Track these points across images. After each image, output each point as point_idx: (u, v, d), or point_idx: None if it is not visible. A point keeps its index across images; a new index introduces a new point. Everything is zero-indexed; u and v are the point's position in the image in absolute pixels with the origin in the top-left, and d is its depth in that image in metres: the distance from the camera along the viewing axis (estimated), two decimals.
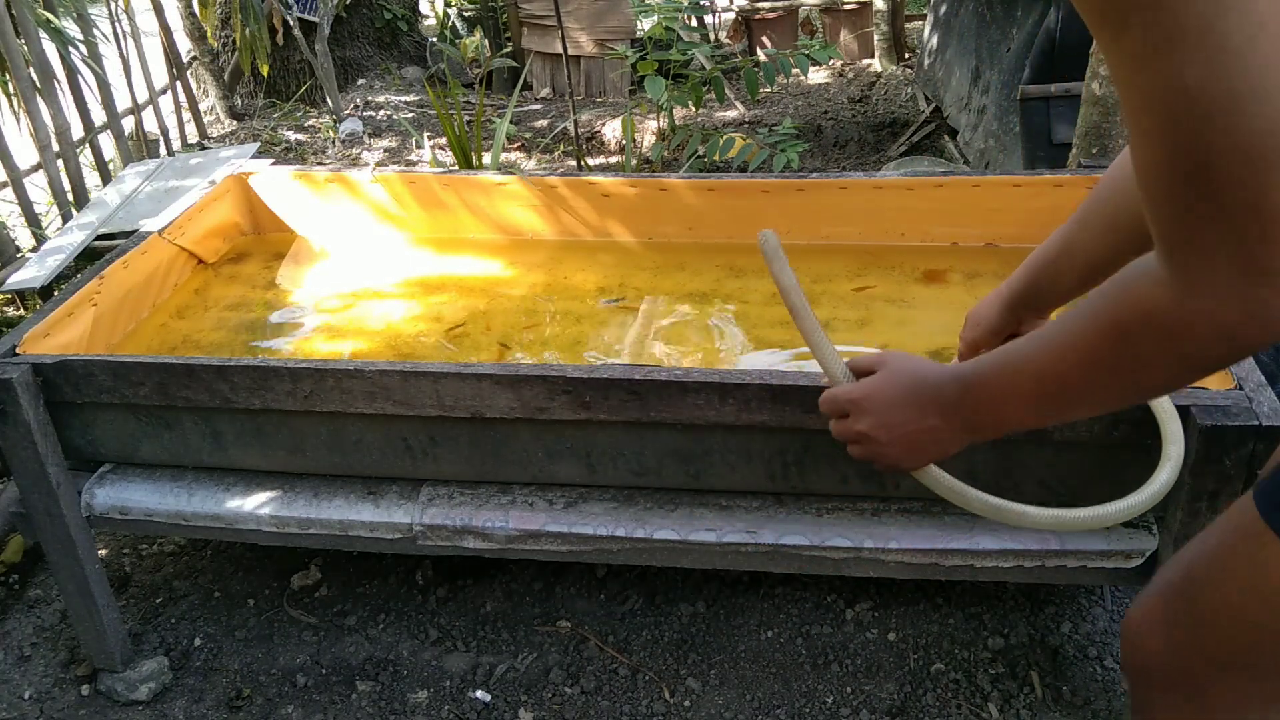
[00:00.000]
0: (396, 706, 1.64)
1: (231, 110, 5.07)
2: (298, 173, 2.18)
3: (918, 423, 0.93)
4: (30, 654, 1.79)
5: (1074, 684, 1.60)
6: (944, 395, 0.90)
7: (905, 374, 0.94)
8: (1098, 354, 0.74)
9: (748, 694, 1.63)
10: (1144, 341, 0.69)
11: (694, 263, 2.01)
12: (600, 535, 1.45)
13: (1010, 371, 0.83)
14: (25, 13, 2.89)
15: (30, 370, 1.45)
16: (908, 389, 0.93)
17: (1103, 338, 0.73)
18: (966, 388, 0.87)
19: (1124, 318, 0.70)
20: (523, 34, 5.27)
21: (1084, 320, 0.75)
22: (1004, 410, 0.85)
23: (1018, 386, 0.82)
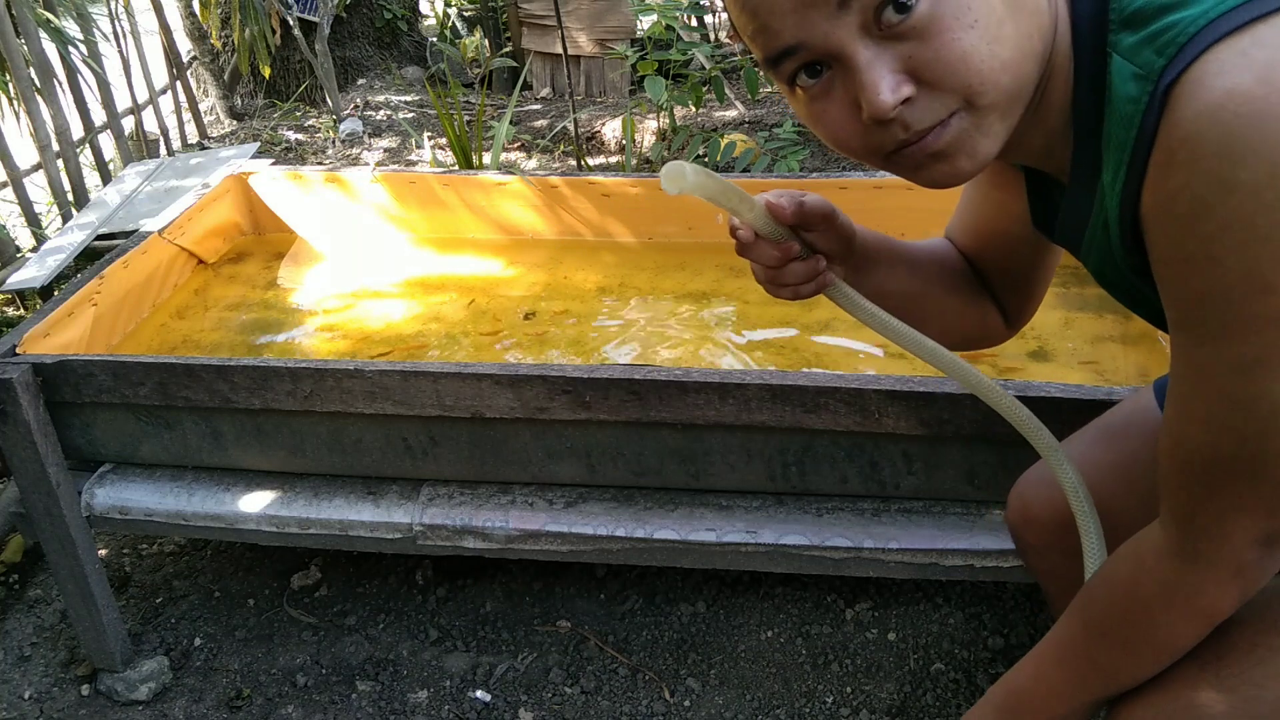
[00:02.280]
0: (396, 706, 1.64)
1: (231, 110, 5.07)
2: (297, 173, 2.18)
3: None
4: (30, 654, 1.79)
5: None
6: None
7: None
8: (1112, 632, 0.80)
9: (748, 694, 1.63)
10: (1155, 609, 0.76)
11: (694, 263, 2.01)
12: (600, 535, 1.45)
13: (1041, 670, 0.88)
14: (25, 12, 2.89)
15: (30, 370, 1.45)
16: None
17: (1112, 618, 0.79)
18: (1017, 702, 0.90)
19: (1126, 597, 0.78)
20: (523, 34, 5.27)
21: (1091, 606, 0.81)
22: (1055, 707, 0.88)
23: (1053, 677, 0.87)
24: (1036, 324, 1.74)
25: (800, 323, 1.81)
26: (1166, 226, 0.66)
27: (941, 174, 0.73)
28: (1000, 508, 1.40)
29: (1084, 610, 0.82)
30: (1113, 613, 0.79)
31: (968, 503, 1.41)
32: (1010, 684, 0.91)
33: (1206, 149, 0.61)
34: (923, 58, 0.67)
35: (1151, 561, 0.75)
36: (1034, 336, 1.71)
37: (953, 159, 0.72)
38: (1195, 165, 0.62)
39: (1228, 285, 0.63)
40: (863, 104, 0.69)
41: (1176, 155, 0.63)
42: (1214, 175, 0.61)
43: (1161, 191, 0.65)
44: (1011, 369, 1.63)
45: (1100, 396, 1.24)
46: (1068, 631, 0.84)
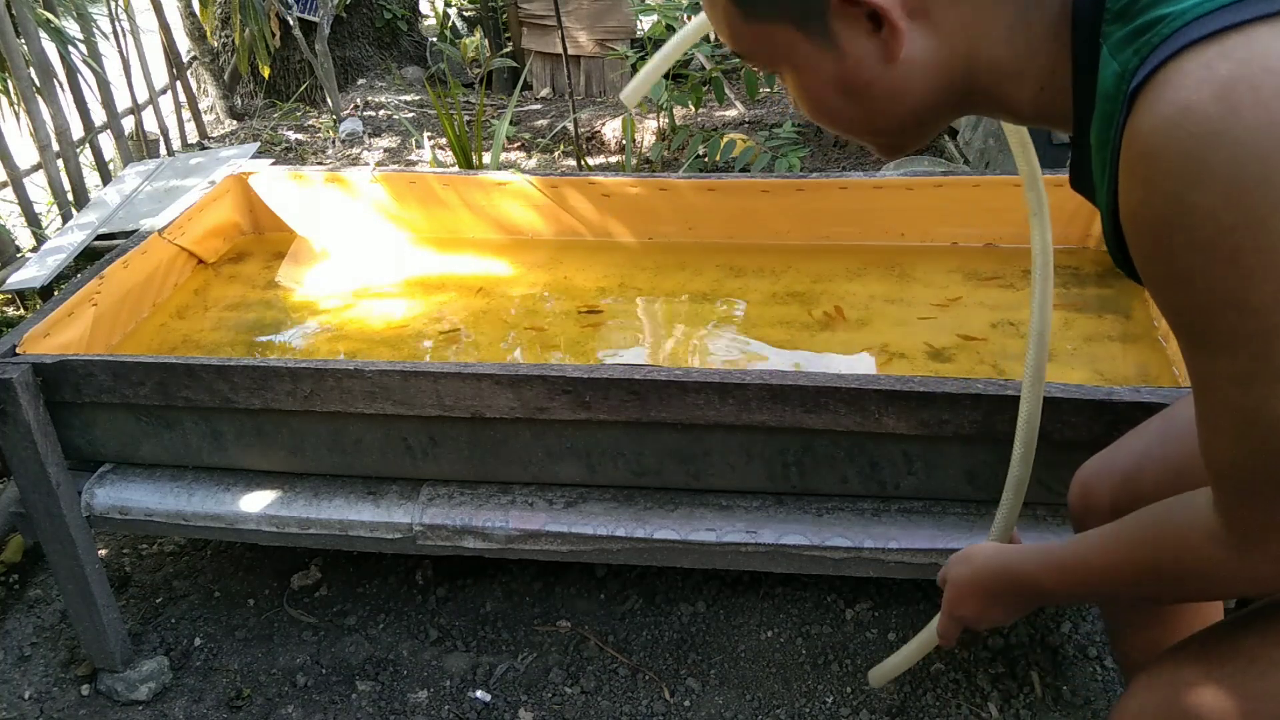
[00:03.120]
0: (396, 706, 1.64)
1: (231, 110, 5.07)
2: (297, 173, 2.18)
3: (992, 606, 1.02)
4: (30, 654, 1.79)
5: (1074, 684, 1.60)
6: (1006, 594, 0.99)
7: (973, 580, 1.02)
8: (1141, 578, 0.82)
9: (748, 694, 1.63)
10: (1189, 580, 0.78)
11: (694, 263, 2.01)
12: (600, 535, 1.45)
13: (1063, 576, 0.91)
14: (25, 12, 2.89)
15: (30, 370, 1.45)
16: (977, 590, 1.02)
17: (1144, 571, 0.81)
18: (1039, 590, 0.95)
19: (1171, 561, 0.78)
20: (523, 34, 5.27)
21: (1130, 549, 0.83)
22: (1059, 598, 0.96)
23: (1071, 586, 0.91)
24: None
25: (800, 323, 1.81)
26: (1136, 239, 0.67)
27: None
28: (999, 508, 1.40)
29: (1123, 555, 0.83)
30: (1152, 568, 0.80)
31: (968, 503, 1.41)
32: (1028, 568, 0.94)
33: (1163, 167, 0.61)
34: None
35: (1197, 540, 0.74)
36: None
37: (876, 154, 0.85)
38: (1153, 184, 0.62)
39: (1201, 304, 0.63)
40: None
41: (1136, 170, 0.64)
42: (1171, 196, 0.61)
43: (1128, 204, 0.66)
44: (1012, 369, 1.63)
45: (1100, 396, 1.23)
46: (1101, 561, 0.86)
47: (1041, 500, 1.38)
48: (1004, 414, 1.27)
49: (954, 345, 1.71)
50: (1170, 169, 0.61)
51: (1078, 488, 1.14)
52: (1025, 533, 1.37)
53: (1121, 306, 1.76)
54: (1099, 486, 1.10)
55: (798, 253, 2.02)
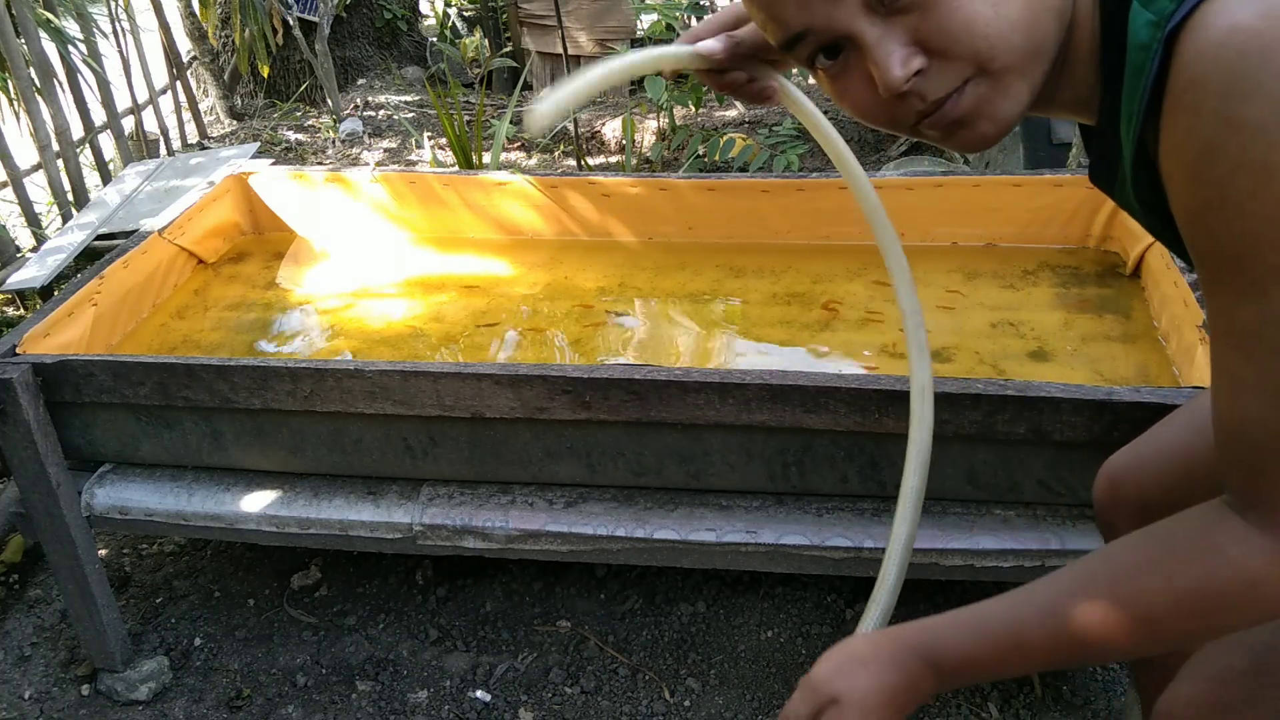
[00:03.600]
0: (396, 706, 1.64)
1: (231, 110, 5.07)
2: (298, 173, 2.18)
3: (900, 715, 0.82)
4: (30, 654, 1.79)
5: (1074, 684, 1.60)
6: (923, 689, 0.81)
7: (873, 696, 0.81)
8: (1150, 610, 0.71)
9: (748, 694, 1.63)
10: (1225, 607, 0.68)
11: (694, 263, 2.01)
12: (600, 535, 1.45)
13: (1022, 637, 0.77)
14: (25, 12, 2.88)
15: (30, 370, 1.45)
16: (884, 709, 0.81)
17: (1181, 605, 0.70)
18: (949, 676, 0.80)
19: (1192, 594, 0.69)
20: (523, 34, 5.26)
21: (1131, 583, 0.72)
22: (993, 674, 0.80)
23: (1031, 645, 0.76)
24: (1036, 324, 1.74)
25: (800, 323, 1.81)
26: (1180, 176, 0.64)
27: (967, 140, 0.72)
28: (1000, 507, 1.40)
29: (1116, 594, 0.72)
30: (1166, 602, 0.70)
31: (968, 503, 1.41)
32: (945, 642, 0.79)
33: (1210, 88, 0.59)
34: (927, 29, 0.67)
35: (1234, 550, 0.66)
36: (1034, 336, 1.71)
37: (974, 124, 0.71)
38: (1200, 107, 0.60)
39: (1253, 233, 0.60)
40: (876, 80, 0.69)
41: (1182, 99, 0.62)
42: (1218, 115, 0.59)
43: (1171, 141, 0.63)
44: (1012, 369, 1.63)
45: (1100, 396, 1.23)
46: (1080, 608, 0.73)
47: (1041, 500, 1.38)
48: (1004, 414, 1.27)
49: (954, 345, 1.71)
50: (1217, 88, 0.59)
51: (1104, 483, 1.09)
52: (1025, 533, 1.37)
53: (1121, 306, 1.76)
54: (1128, 480, 1.06)
55: (798, 253, 2.02)
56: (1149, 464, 1.05)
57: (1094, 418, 1.24)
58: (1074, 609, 0.73)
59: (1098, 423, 1.24)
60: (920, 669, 0.80)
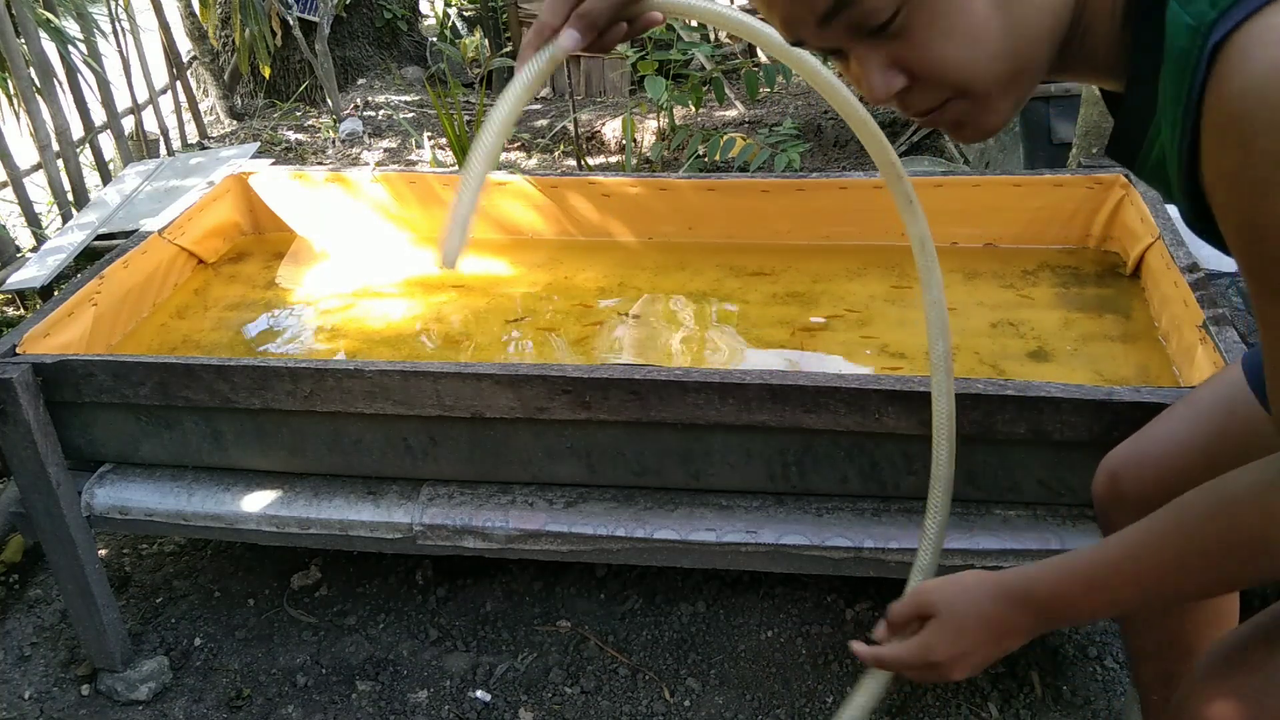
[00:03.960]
0: (396, 706, 1.64)
1: (231, 110, 5.07)
2: (298, 173, 2.18)
3: (995, 648, 0.91)
4: (30, 654, 1.79)
5: (1074, 684, 1.60)
6: (1019, 625, 0.89)
7: (971, 620, 0.90)
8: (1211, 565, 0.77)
9: (748, 694, 1.63)
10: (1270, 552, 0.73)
11: (694, 263, 2.01)
12: (600, 535, 1.45)
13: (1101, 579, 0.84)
14: (25, 12, 2.88)
15: (30, 370, 1.45)
16: (979, 632, 0.90)
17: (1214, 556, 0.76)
18: (1044, 613, 0.87)
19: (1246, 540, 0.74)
20: (523, 34, 5.26)
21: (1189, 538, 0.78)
22: (1081, 616, 0.87)
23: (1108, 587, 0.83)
24: (1036, 324, 1.74)
25: (800, 323, 1.81)
26: (1231, 203, 0.65)
27: (961, 139, 0.77)
28: (1000, 507, 1.40)
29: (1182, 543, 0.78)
30: (1221, 551, 0.76)
31: (968, 503, 1.41)
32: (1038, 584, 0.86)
33: (1258, 127, 0.60)
34: (906, 58, 0.71)
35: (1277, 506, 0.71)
36: (1034, 336, 1.71)
37: (961, 131, 0.76)
38: (1250, 145, 0.61)
39: None
40: (862, 91, 0.74)
41: (1228, 135, 0.63)
42: (1270, 155, 0.60)
43: (1219, 168, 0.65)
44: (1012, 369, 1.63)
45: (1100, 396, 1.23)
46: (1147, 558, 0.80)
47: (1041, 500, 1.38)
48: (1004, 414, 1.27)
49: (954, 345, 1.71)
50: (1265, 127, 0.60)
51: (1105, 477, 1.11)
52: (1025, 533, 1.37)
53: (1121, 306, 1.76)
54: (1128, 475, 1.07)
55: (798, 253, 2.02)
56: (1149, 459, 1.06)
57: (1094, 418, 1.24)
58: (1150, 553, 0.80)
59: (1098, 423, 1.24)
60: (1017, 607, 0.87)
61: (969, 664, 0.91)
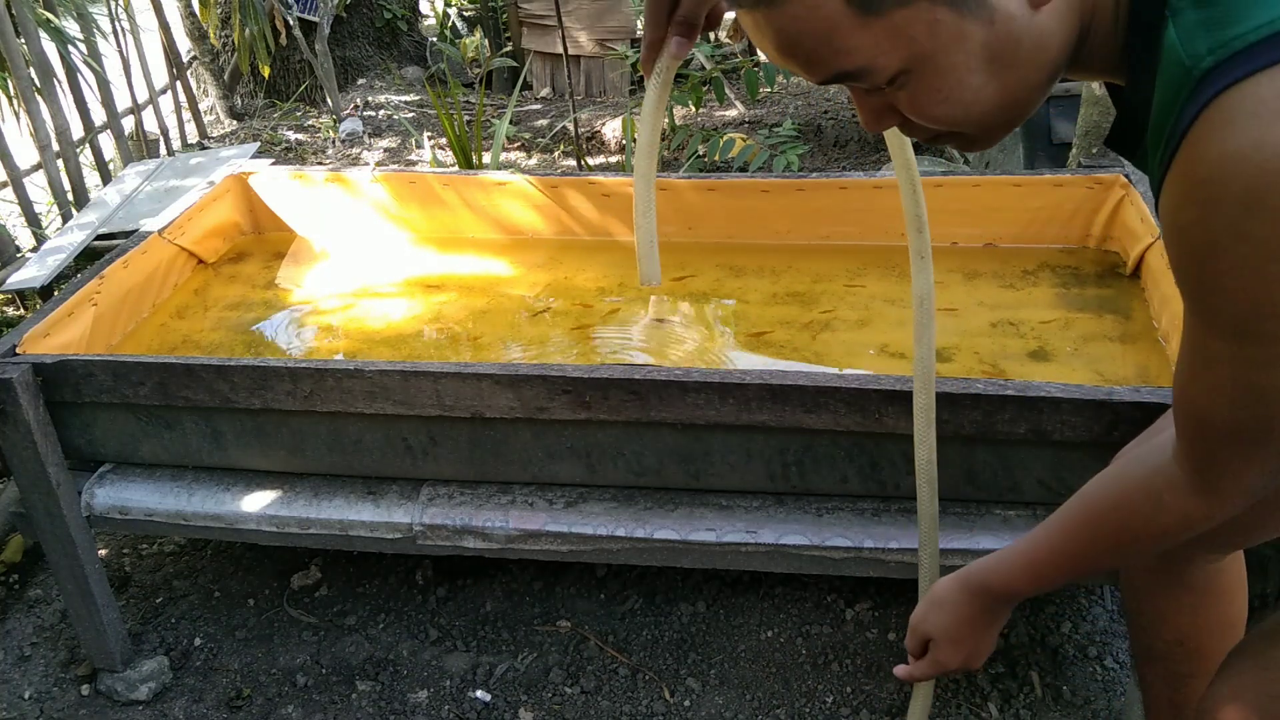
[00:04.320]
0: (396, 706, 1.64)
1: (231, 110, 5.07)
2: (298, 172, 2.18)
3: (989, 632, 1.04)
4: (30, 654, 1.79)
5: (1074, 684, 1.60)
6: (995, 610, 1.02)
7: (957, 627, 1.03)
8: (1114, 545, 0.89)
9: (748, 694, 1.63)
10: (1159, 534, 0.85)
11: (694, 263, 2.01)
12: (600, 535, 1.45)
13: (1035, 568, 0.97)
14: (25, 12, 2.88)
15: (30, 370, 1.45)
16: (969, 630, 1.03)
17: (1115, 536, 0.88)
18: (1004, 595, 1.00)
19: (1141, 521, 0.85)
20: (523, 34, 5.27)
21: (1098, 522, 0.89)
22: (1037, 589, 0.99)
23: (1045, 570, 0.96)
24: (1036, 324, 1.74)
25: (801, 322, 1.81)
26: (1179, 250, 0.69)
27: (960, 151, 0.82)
28: (1000, 507, 1.40)
29: (1093, 529, 0.89)
30: (1130, 534, 0.86)
31: (968, 503, 1.41)
32: (990, 575, 0.99)
33: (1227, 196, 0.62)
34: (906, 107, 0.74)
35: (1170, 499, 0.81)
36: (1034, 336, 1.71)
37: (961, 148, 0.80)
38: (1213, 208, 0.63)
39: (1238, 311, 0.67)
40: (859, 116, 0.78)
41: (1194, 194, 0.64)
42: (1230, 223, 0.63)
43: (1177, 216, 0.67)
44: (1012, 369, 1.63)
45: (1100, 396, 1.23)
46: (1072, 543, 0.91)
47: (1041, 500, 1.38)
48: (1004, 414, 1.27)
49: (953, 345, 1.71)
50: (1234, 198, 0.62)
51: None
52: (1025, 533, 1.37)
53: (1121, 306, 1.76)
54: None
55: (798, 253, 2.02)
56: None
57: (1094, 418, 1.24)
58: (1068, 543, 0.92)
59: (1098, 423, 1.24)
60: (983, 598, 1.00)
61: (979, 655, 1.04)
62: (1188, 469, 0.80)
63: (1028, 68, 0.71)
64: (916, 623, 1.06)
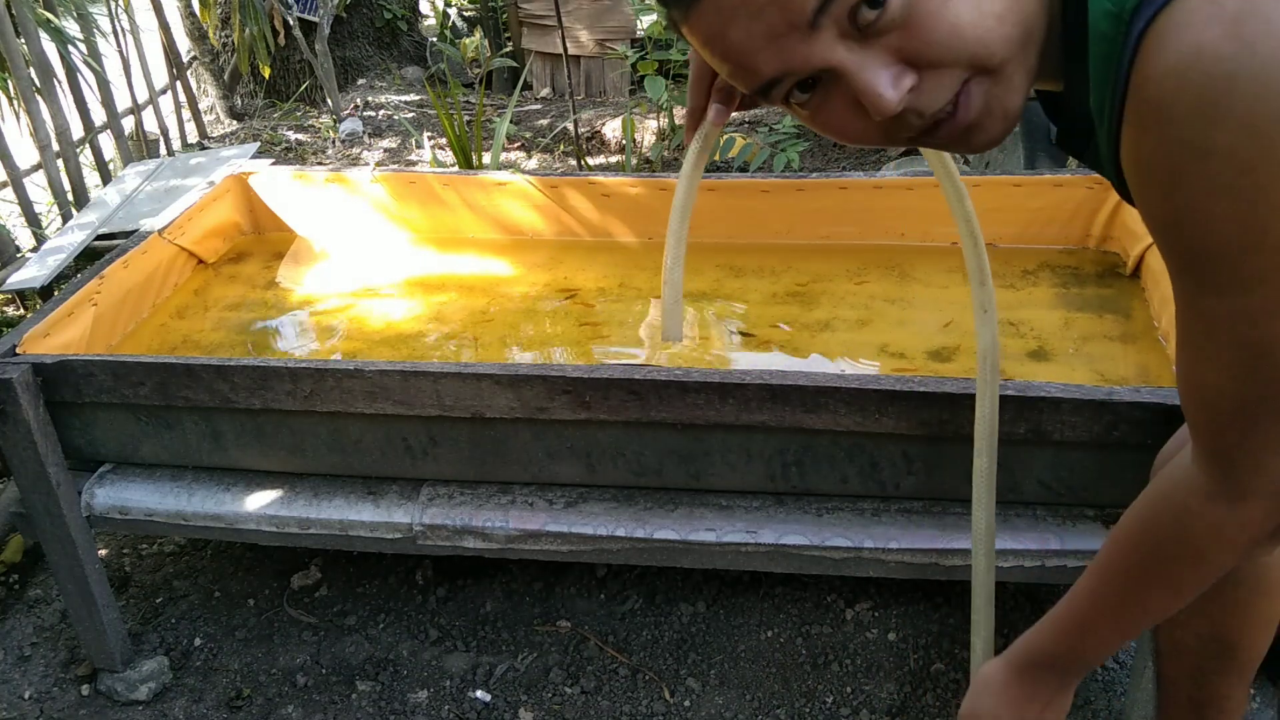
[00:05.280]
0: (396, 706, 1.64)
1: (231, 110, 5.07)
2: (298, 173, 2.18)
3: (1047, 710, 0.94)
4: (30, 654, 1.79)
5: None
6: (1044, 692, 0.92)
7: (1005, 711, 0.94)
8: (1153, 578, 0.80)
9: (748, 694, 1.63)
10: (1197, 556, 0.76)
11: (694, 263, 2.01)
12: (600, 535, 1.45)
13: (1079, 627, 0.87)
14: (25, 12, 2.88)
15: (30, 370, 1.45)
16: (1016, 715, 0.94)
17: (1153, 568, 0.80)
18: (1058, 668, 0.91)
19: (1173, 542, 0.77)
20: (523, 34, 5.27)
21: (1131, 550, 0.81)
22: (1091, 654, 0.89)
23: (1091, 622, 0.86)
24: (1036, 324, 1.74)
25: (800, 322, 1.81)
26: (1147, 190, 0.64)
27: (978, 143, 0.70)
28: (1000, 507, 1.40)
29: (1125, 564, 0.81)
30: (1161, 559, 0.78)
31: (968, 503, 1.40)
32: (1035, 644, 0.90)
33: (1177, 113, 0.59)
34: (914, 45, 0.64)
35: (1197, 506, 0.74)
36: (1034, 336, 1.71)
37: (986, 126, 0.69)
38: (1167, 130, 0.60)
39: (1220, 245, 0.61)
40: (867, 106, 0.66)
41: (1147, 119, 0.61)
42: (1187, 142, 0.59)
43: (1136, 154, 0.64)
44: (1012, 369, 1.63)
45: (1100, 396, 1.23)
46: (1108, 586, 0.83)
47: (1041, 500, 1.38)
48: (1004, 414, 1.27)
49: (954, 345, 1.71)
50: (1185, 114, 0.58)
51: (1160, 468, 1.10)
52: (1025, 533, 1.37)
53: (1121, 306, 1.76)
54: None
55: (798, 253, 2.02)
56: None
57: (1094, 418, 1.24)
58: (1107, 589, 0.83)
59: (1098, 423, 1.24)
60: (1031, 677, 0.91)
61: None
62: (1208, 470, 0.72)
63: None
64: (967, 714, 0.97)
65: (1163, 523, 0.78)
